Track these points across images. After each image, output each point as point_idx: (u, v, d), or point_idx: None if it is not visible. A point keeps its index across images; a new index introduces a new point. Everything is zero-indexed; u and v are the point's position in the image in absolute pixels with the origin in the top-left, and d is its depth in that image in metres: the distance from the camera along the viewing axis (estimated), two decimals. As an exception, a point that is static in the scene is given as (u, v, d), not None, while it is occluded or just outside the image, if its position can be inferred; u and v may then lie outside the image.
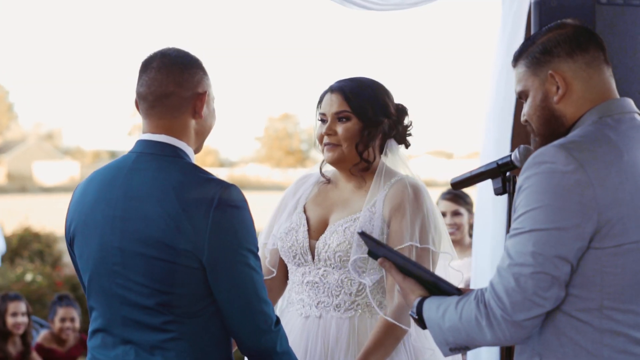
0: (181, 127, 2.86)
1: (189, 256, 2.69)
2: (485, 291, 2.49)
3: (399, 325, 3.35)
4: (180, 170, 2.78)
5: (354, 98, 3.48)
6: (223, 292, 2.74)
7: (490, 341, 2.49)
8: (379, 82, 3.58)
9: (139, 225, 2.73)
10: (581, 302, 2.46)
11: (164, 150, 2.82)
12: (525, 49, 2.70)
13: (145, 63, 2.90)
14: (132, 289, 2.75)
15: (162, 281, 2.71)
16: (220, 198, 2.71)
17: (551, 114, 2.64)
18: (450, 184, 3.43)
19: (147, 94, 2.86)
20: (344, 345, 3.44)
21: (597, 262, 2.44)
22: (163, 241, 2.70)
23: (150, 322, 2.75)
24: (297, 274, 3.56)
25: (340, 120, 3.49)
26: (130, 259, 2.75)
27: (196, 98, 2.87)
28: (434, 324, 2.60)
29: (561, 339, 2.48)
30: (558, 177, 2.43)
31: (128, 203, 2.77)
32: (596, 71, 2.63)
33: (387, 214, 3.45)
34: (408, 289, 2.72)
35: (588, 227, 2.41)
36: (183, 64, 2.87)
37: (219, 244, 2.70)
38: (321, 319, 3.49)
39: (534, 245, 2.41)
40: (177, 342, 2.74)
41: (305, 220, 3.58)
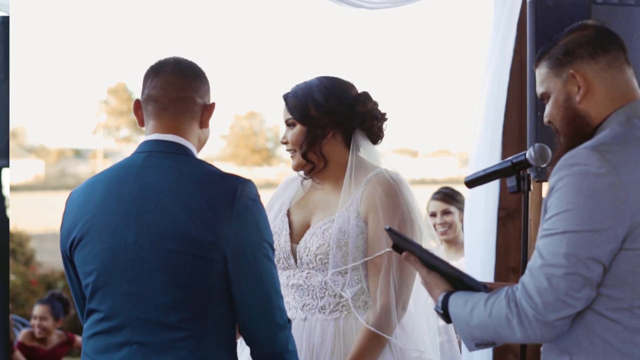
0: (189, 132, 2.87)
1: (212, 248, 2.68)
2: (516, 290, 2.52)
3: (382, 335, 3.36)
4: (194, 165, 2.79)
5: (294, 103, 3.51)
6: (243, 284, 2.73)
7: (520, 339, 2.52)
8: (329, 78, 3.56)
9: (158, 218, 2.71)
10: (613, 302, 2.49)
11: (174, 148, 2.82)
12: (548, 50, 2.73)
13: (157, 67, 2.90)
14: (147, 284, 2.72)
15: (180, 275, 2.69)
16: (242, 190, 2.73)
17: (575, 114, 2.67)
18: (464, 182, 3.45)
19: (161, 96, 2.85)
20: (329, 347, 3.44)
21: (629, 262, 2.47)
22: (185, 233, 2.68)
23: (166, 320, 2.71)
24: (282, 277, 3.55)
25: (289, 127, 3.55)
26: (147, 254, 2.71)
27: (205, 108, 2.90)
28: (460, 320, 2.63)
29: (592, 338, 2.52)
30: (591, 179, 2.46)
31: (144, 198, 2.74)
32: (618, 71, 2.67)
33: (363, 213, 3.45)
34: (432, 283, 2.74)
35: (621, 229, 2.45)
36: (196, 73, 2.90)
37: (243, 235, 2.71)
38: (306, 321, 3.49)
39: (567, 246, 2.44)
40: (190, 341, 2.72)
41: (287, 224, 3.58)
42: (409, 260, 2.78)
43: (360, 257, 3.43)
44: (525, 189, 3.20)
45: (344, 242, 3.42)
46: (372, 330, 3.36)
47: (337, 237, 3.42)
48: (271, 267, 2.78)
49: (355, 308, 3.44)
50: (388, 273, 3.40)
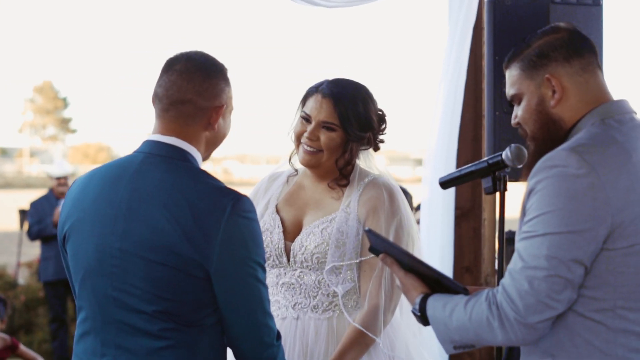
0: (193, 134, 2.78)
1: (195, 265, 2.62)
2: (496, 292, 2.50)
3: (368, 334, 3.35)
4: (189, 175, 2.70)
5: (344, 111, 3.44)
6: (228, 303, 2.67)
7: (501, 342, 2.51)
8: (367, 89, 3.53)
9: (143, 228, 2.64)
10: (595, 303, 2.49)
11: (173, 153, 2.74)
12: (520, 52, 2.70)
13: (169, 63, 2.81)
14: (130, 292, 2.66)
15: (163, 287, 2.63)
16: (232, 208, 2.63)
17: (548, 118, 2.65)
18: (439, 183, 3.42)
19: (163, 96, 2.78)
20: (323, 346, 3.42)
21: (610, 263, 2.46)
22: (169, 247, 2.61)
23: (147, 329, 2.66)
24: (270, 276, 3.51)
25: (325, 128, 3.45)
26: (131, 262, 2.65)
27: (212, 110, 2.79)
28: (439, 322, 2.60)
29: (575, 339, 2.51)
30: (571, 180, 2.45)
31: (133, 204, 2.67)
32: (592, 75, 2.66)
33: (362, 215, 3.43)
34: (410, 285, 2.71)
35: (601, 230, 2.44)
36: (206, 72, 2.79)
37: (229, 255, 2.63)
38: (299, 320, 3.46)
39: (548, 248, 2.43)
40: (174, 351, 2.66)
41: (279, 221, 3.53)
42: (386, 263, 2.75)
43: (356, 257, 3.41)
44: (501, 190, 3.17)
45: (342, 242, 3.40)
46: (359, 329, 3.35)
47: (336, 237, 3.40)
48: (259, 287, 2.70)
49: (346, 307, 3.42)
50: (380, 275, 3.40)
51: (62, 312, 10.07)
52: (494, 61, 4.40)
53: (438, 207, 5.06)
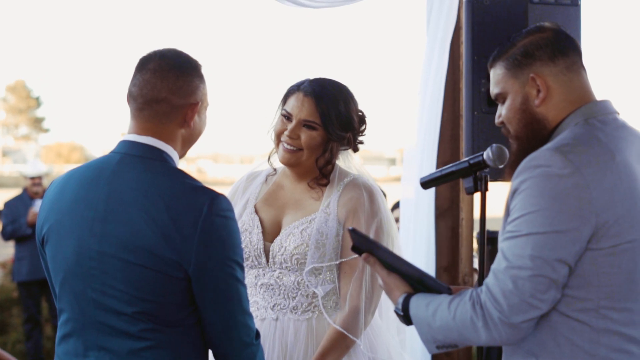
0: (168, 133, 2.77)
1: (174, 266, 2.61)
2: (480, 292, 2.49)
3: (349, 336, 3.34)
4: (166, 175, 2.68)
5: (326, 110, 3.43)
6: (207, 303, 2.66)
7: (484, 341, 2.50)
8: (349, 89, 3.53)
9: (121, 230, 2.63)
10: (579, 303, 2.49)
11: (150, 153, 2.72)
12: (505, 51, 2.70)
13: (143, 62, 2.79)
14: (110, 294, 2.65)
15: (143, 289, 2.62)
16: (209, 208, 2.62)
17: (532, 117, 2.65)
18: (420, 183, 3.42)
19: (137, 96, 2.76)
20: (302, 347, 3.41)
21: (594, 262, 2.47)
22: (148, 249, 2.60)
23: (128, 330, 2.65)
24: (249, 276, 3.50)
25: (306, 127, 3.44)
26: (110, 264, 2.64)
27: (188, 107, 2.77)
28: (422, 322, 2.60)
29: (558, 339, 2.51)
30: (555, 180, 2.44)
31: (111, 206, 2.66)
32: (576, 75, 2.66)
33: (342, 216, 3.42)
34: (392, 285, 2.71)
35: (586, 230, 2.44)
36: (180, 70, 2.77)
37: (207, 255, 2.62)
38: (278, 321, 3.44)
39: (532, 248, 2.43)
40: (154, 351, 2.66)
41: (258, 222, 3.51)
42: (369, 262, 2.75)
43: (336, 258, 3.40)
44: (482, 190, 3.17)
45: (322, 242, 3.39)
46: (339, 331, 3.34)
47: (316, 237, 3.38)
48: (238, 287, 2.69)
49: (326, 308, 3.41)
50: (361, 276, 3.39)
51: (36, 312, 10.00)
52: (472, 61, 4.40)
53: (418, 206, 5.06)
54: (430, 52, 4.97)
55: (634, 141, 2.60)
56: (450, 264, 5.22)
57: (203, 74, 2.82)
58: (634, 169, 2.52)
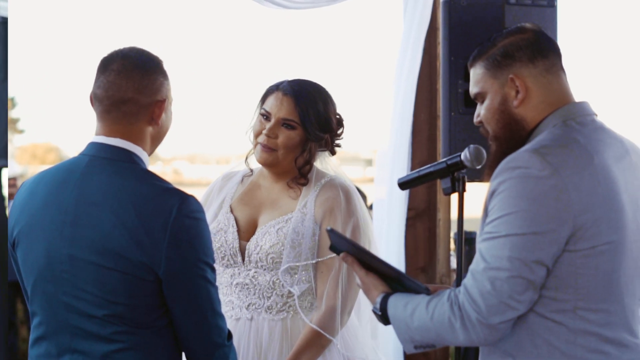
0: (137, 133, 2.76)
1: (144, 269, 2.61)
2: (458, 293, 2.50)
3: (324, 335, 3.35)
4: (136, 177, 2.68)
5: (305, 109, 3.43)
6: (179, 305, 2.66)
7: (462, 342, 2.51)
8: (327, 91, 3.54)
9: (91, 233, 2.62)
10: (556, 304, 2.49)
11: (118, 155, 2.71)
12: (485, 50, 2.70)
13: (105, 63, 2.77)
14: (81, 297, 2.65)
15: (114, 292, 2.62)
16: (178, 210, 2.62)
17: (511, 118, 2.65)
18: (397, 184, 3.42)
19: (103, 98, 2.74)
20: (277, 347, 3.40)
21: (571, 264, 2.47)
22: (118, 252, 2.60)
23: (100, 332, 2.65)
24: (224, 276, 3.49)
25: (284, 126, 3.44)
26: (81, 268, 2.64)
27: (155, 105, 2.76)
28: (400, 322, 2.60)
29: (535, 340, 2.52)
30: (533, 182, 2.45)
31: (80, 209, 2.65)
32: (555, 77, 2.66)
33: (319, 216, 3.43)
34: (371, 285, 2.71)
35: (564, 231, 2.45)
36: (144, 69, 2.76)
37: (177, 257, 2.62)
38: (253, 321, 3.44)
39: (510, 249, 2.43)
40: (128, 353, 2.65)
41: (234, 221, 3.51)
42: (347, 262, 2.75)
43: (312, 258, 3.41)
44: (460, 190, 3.17)
45: (297, 242, 3.39)
46: (315, 330, 3.34)
47: (292, 237, 3.39)
48: (208, 288, 2.69)
49: (301, 308, 3.41)
50: (337, 276, 3.39)
51: (11, 314, 9.95)
52: (449, 62, 4.41)
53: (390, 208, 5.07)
54: (403, 53, 4.98)
55: (611, 143, 2.61)
56: (428, 265, 5.23)
57: (165, 70, 2.82)
58: (612, 171, 2.53)
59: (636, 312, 2.58)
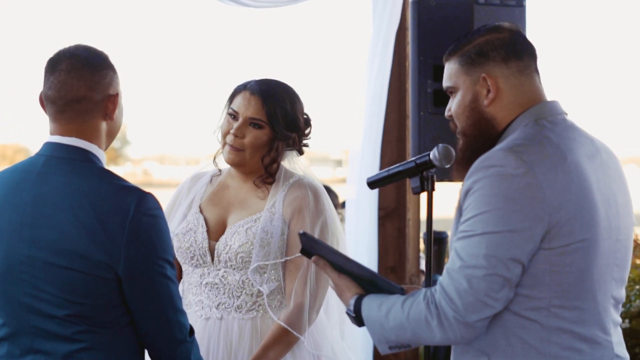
0: (92, 130, 2.75)
1: (103, 267, 2.61)
2: (434, 292, 2.50)
3: (292, 332, 3.35)
4: (93, 176, 2.67)
5: (272, 108, 3.43)
6: (139, 303, 2.67)
7: (439, 341, 2.51)
8: (295, 91, 3.54)
9: (50, 234, 2.62)
10: (530, 302, 2.50)
11: (75, 154, 2.70)
12: (461, 46, 2.70)
13: (53, 63, 2.76)
14: (42, 298, 2.64)
15: (75, 292, 2.62)
16: (136, 207, 2.62)
17: (481, 116, 2.66)
18: (367, 183, 3.42)
19: (56, 98, 2.73)
20: (247, 346, 3.40)
21: (546, 262, 2.48)
22: (77, 251, 2.59)
23: (61, 332, 2.64)
24: (194, 276, 3.49)
25: (252, 126, 3.44)
26: (41, 269, 2.63)
27: (108, 100, 2.76)
28: (375, 323, 2.60)
29: (510, 338, 2.52)
30: (508, 180, 2.46)
31: (38, 210, 2.64)
32: (527, 78, 2.67)
33: (287, 215, 3.43)
34: (344, 287, 2.70)
35: (539, 229, 2.45)
36: (94, 66, 2.75)
37: (136, 255, 2.62)
38: (222, 320, 3.43)
39: (486, 247, 2.44)
40: (90, 352, 2.65)
41: (203, 221, 3.51)
42: (318, 265, 2.75)
43: (281, 257, 3.41)
44: (429, 190, 3.17)
45: (266, 241, 3.39)
46: (283, 327, 3.34)
47: (261, 236, 3.39)
48: (168, 285, 2.69)
49: (270, 307, 3.41)
50: (306, 274, 3.40)
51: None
52: (418, 62, 4.42)
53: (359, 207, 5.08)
54: (373, 53, 5.00)
55: (583, 142, 2.62)
56: (397, 265, 5.25)
57: (113, 63, 2.82)
58: (585, 169, 2.55)
59: (608, 310, 2.59)
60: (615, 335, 2.62)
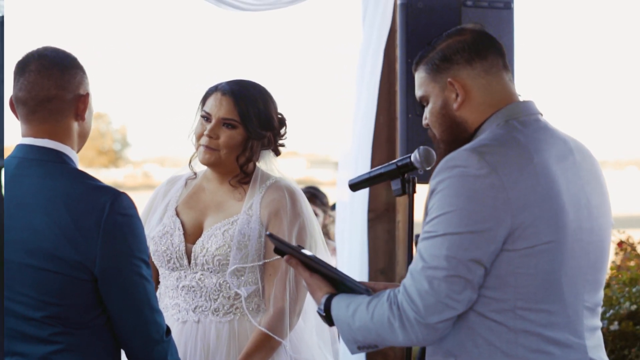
0: (64, 130, 2.76)
1: (79, 268, 2.61)
2: (398, 293, 2.49)
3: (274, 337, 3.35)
4: (67, 177, 2.69)
5: (245, 108, 3.44)
6: (115, 302, 2.68)
7: (402, 342, 2.50)
8: (267, 90, 3.55)
9: (25, 235, 2.63)
10: (495, 303, 2.49)
11: (48, 155, 2.72)
12: (426, 54, 2.70)
13: (22, 65, 2.77)
14: (18, 300, 2.65)
15: (50, 293, 2.63)
16: (110, 207, 2.64)
17: (452, 121, 2.66)
18: (348, 185, 3.42)
19: (27, 99, 2.74)
20: (224, 349, 3.40)
21: (510, 263, 2.47)
22: (52, 253, 2.61)
23: (38, 334, 2.65)
24: (170, 279, 3.49)
25: (225, 126, 3.44)
26: (16, 271, 2.64)
27: (78, 100, 2.77)
28: (342, 323, 2.60)
29: (476, 339, 2.51)
30: (471, 180, 2.45)
31: (12, 212, 2.65)
32: (495, 77, 2.65)
33: (264, 217, 3.44)
34: (315, 286, 2.70)
35: (501, 230, 2.44)
36: (63, 65, 2.76)
37: (111, 255, 2.63)
38: (199, 323, 3.43)
39: (447, 248, 2.43)
40: (66, 354, 2.66)
41: (179, 224, 3.51)
42: (291, 264, 2.75)
43: (259, 260, 3.42)
44: (410, 192, 3.17)
45: (244, 244, 3.39)
46: (264, 332, 3.35)
47: (238, 239, 3.39)
48: (144, 284, 2.71)
49: (248, 310, 3.41)
50: (285, 277, 3.40)
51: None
52: (406, 64, 4.43)
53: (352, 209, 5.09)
54: (364, 56, 5.01)
55: (554, 143, 2.60)
56: (387, 267, 5.25)
57: (82, 64, 2.83)
58: (552, 171, 2.53)
59: (580, 313, 2.57)
60: (591, 339, 2.59)
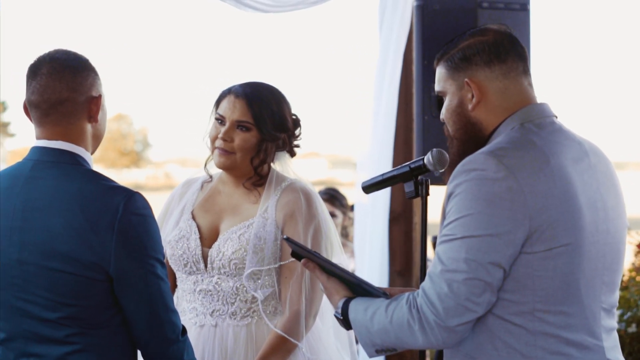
0: (78, 132, 2.77)
1: (94, 268, 2.62)
2: (417, 296, 2.50)
3: (290, 339, 3.35)
4: (81, 178, 2.69)
5: (258, 110, 3.44)
6: (130, 302, 2.68)
7: (422, 345, 2.51)
8: (281, 92, 3.55)
9: (40, 237, 2.64)
10: (514, 306, 2.49)
11: (62, 157, 2.73)
12: (448, 51, 2.70)
13: (33, 69, 2.78)
14: (34, 302, 2.66)
15: (66, 294, 2.64)
16: (124, 207, 2.64)
17: (467, 120, 2.66)
18: (361, 188, 3.42)
19: (40, 102, 2.75)
20: (242, 353, 3.41)
21: (528, 266, 2.47)
22: (67, 254, 2.62)
23: (54, 335, 2.66)
24: (187, 283, 3.49)
25: (239, 129, 3.45)
26: (32, 272, 2.65)
27: (91, 102, 2.78)
28: (361, 326, 2.60)
29: (495, 342, 2.52)
30: (489, 184, 2.45)
31: (28, 214, 2.67)
32: (512, 82, 2.65)
33: (280, 220, 3.43)
34: (332, 289, 2.71)
35: (520, 233, 2.45)
36: (74, 67, 2.77)
37: (126, 255, 2.64)
38: (217, 327, 3.44)
39: (466, 252, 2.43)
40: (83, 354, 2.67)
41: (196, 228, 3.51)
42: (308, 267, 2.75)
43: (275, 262, 3.41)
44: (423, 194, 3.17)
45: (260, 247, 3.39)
46: (281, 335, 3.35)
47: (254, 242, 3.39)
48: (159, 284, 2.71)
49: (265, 313, 3.41)
50: (300, 279, 3.40)
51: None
52: (422, 66, 4.42)
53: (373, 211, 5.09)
54: (383, 58, 5.01)
55: (569, 145, 2.60)
56: (404, 269, 5.25)
57: (94, 66, 2.84)
58: (569, 173, 2.53)
59: (598, 314, 2.57)
60: (608, 340, 2.60)
